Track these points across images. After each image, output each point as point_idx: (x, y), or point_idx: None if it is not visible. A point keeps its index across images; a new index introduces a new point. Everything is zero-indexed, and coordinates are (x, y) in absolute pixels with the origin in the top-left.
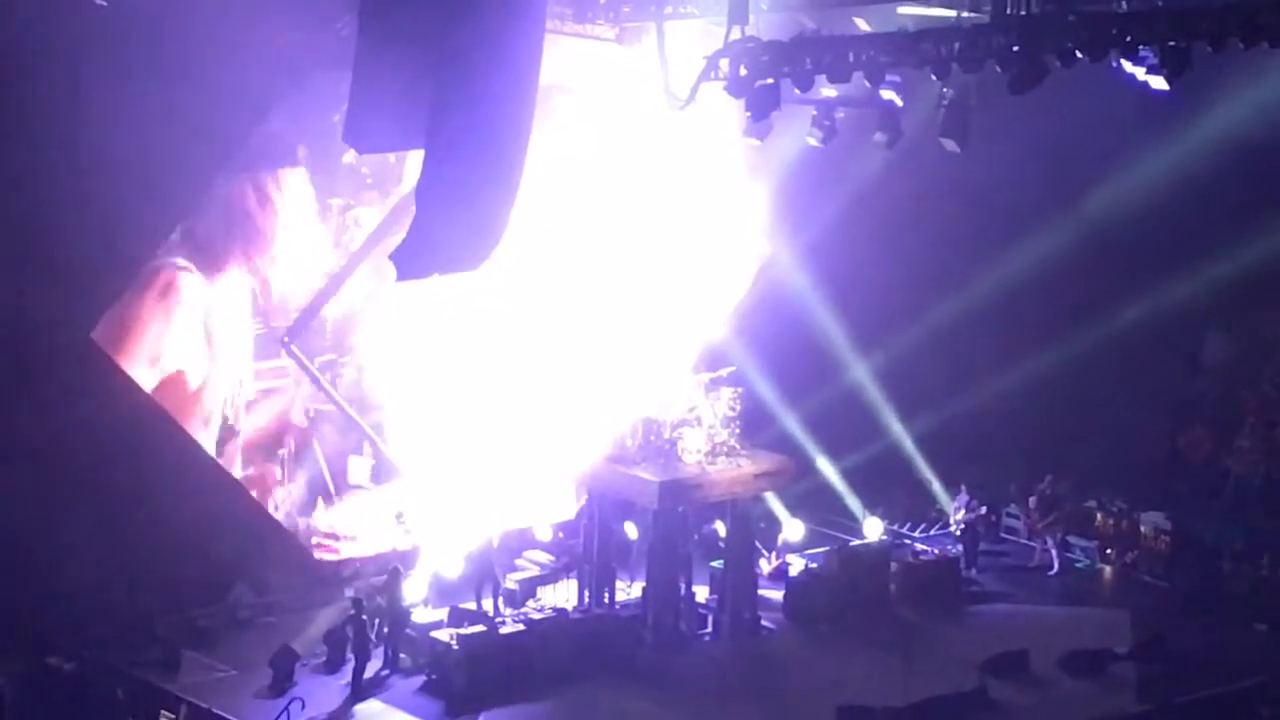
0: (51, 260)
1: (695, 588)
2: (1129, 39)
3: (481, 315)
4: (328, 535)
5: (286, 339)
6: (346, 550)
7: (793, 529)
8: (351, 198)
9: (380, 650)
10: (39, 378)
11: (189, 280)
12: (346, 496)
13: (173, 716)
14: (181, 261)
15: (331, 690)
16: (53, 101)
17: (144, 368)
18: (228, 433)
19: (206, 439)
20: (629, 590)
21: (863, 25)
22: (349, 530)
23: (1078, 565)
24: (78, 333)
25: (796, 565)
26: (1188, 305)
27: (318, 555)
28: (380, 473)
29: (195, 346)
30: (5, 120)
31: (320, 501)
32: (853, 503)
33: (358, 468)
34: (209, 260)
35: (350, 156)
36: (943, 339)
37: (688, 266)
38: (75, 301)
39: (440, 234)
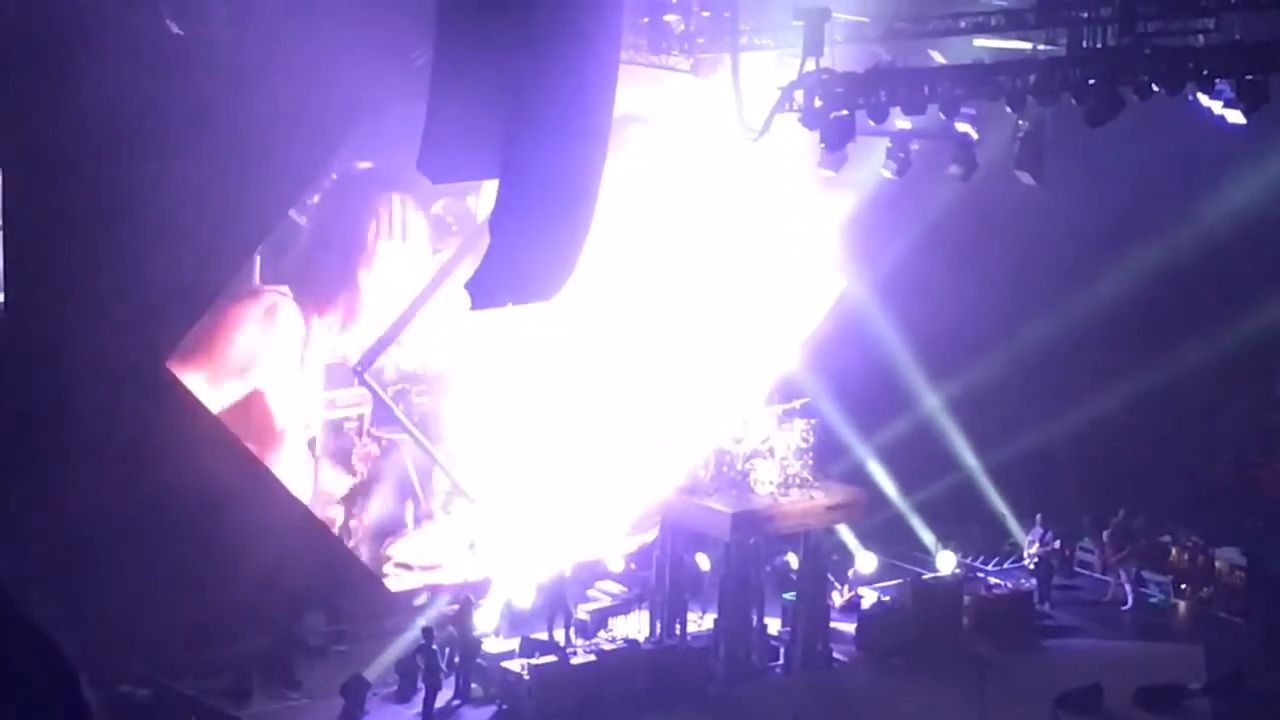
0: (128, 288)
1: (767, 620)
2: (1205, 72)
3: (556, 346)
4: (401, 565)
5: (359, 368)
6: (419, 579)
7: (865, 561)
8: (438, 243)
9: (451, 680)
10: (115, 403)
11: (288, 307)
12: (419, 526)
13: None
14: (284, 290)
15: None
16: (132, 129)
17: (232, 379)
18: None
19: (285, 462)
20: (700, 622)
21: (938, 57)
22: (423, 559)
23: (1152, 600)
24: (154, 360)
25: (869, 598)
26: (1264, 338)
27: (390, 584)
28: (453, 503)
29: (287, 370)
30: (86, 147)
31: (406, 525)
32: (926, 536)
33: (431, 497)
34: (306, 289)
35: (439, 206)
36: (1018, 372)
37: (762, 298)
38: (151, 329)
39: (514, 263)
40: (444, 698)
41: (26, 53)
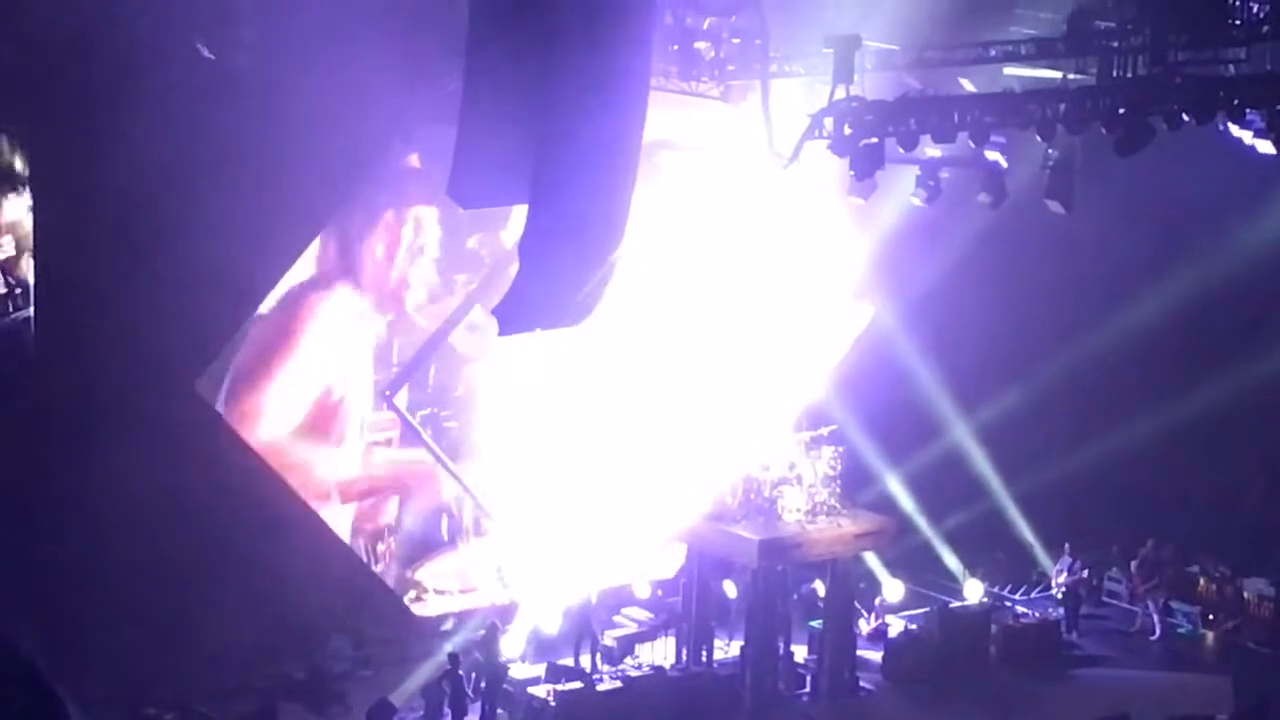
0: (159, 313)
1: (794, 647)
2: (1236, 102)
3: (584, 372)
4: (439, 590)
5: (388, 393)
6: (446, 604)
7: (892, 589)
8: (473, 276)
9: (477, 706)
10: (144, 428)
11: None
12: (446, 551)
13: None
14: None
15: None
16: (163, 154)
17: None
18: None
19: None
20: (727, 649)
21: (968, 85)
22: (450, 584)
23: (1180, 630)
24: (182, 384)
25: (896, 626)
26: None
27: (420, 609)
28: (480, 527)
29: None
30: (118, 172)
31: (442, 538)
32: (953, 564)
33: (458, 522)
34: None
35: (474, 241)
36: (1045, 400)
37: (790, 325)
38: (182, 353)
39: (543, 289)
40: None
41: (59, 82)
